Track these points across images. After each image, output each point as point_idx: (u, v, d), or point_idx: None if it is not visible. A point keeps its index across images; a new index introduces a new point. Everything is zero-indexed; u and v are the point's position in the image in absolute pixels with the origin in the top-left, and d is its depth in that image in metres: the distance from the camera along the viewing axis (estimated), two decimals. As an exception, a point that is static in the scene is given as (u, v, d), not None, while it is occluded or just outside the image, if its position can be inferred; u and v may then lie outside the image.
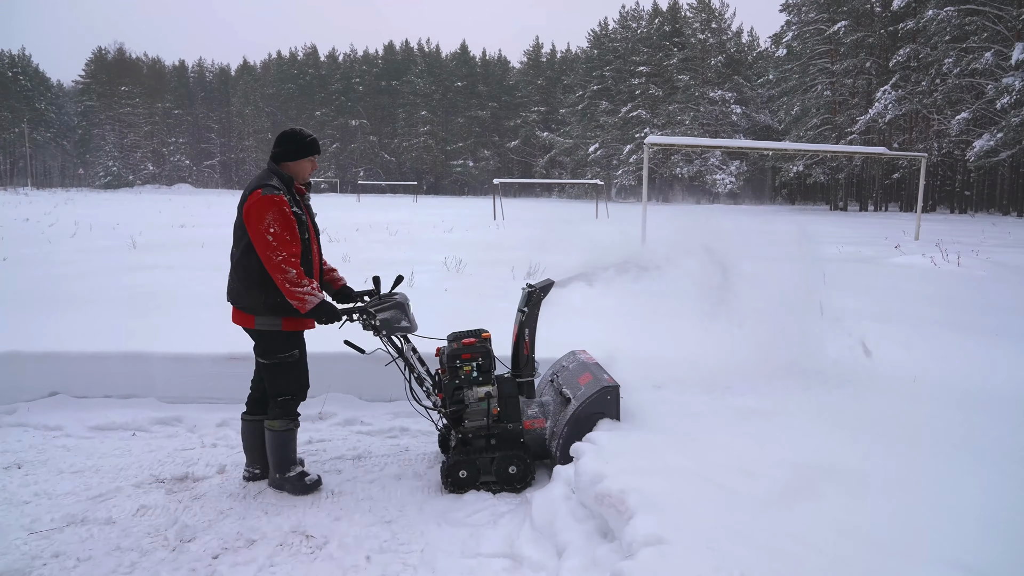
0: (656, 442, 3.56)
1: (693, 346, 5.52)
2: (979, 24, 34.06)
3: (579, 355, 4.38)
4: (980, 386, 5.13)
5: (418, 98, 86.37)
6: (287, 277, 3.50)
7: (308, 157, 3.81)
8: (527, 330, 4.06)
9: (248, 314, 3.67)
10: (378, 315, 3.80)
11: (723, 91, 61.20)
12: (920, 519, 2.73)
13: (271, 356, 3.73)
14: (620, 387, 3.83)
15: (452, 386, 3.90)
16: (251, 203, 3.53)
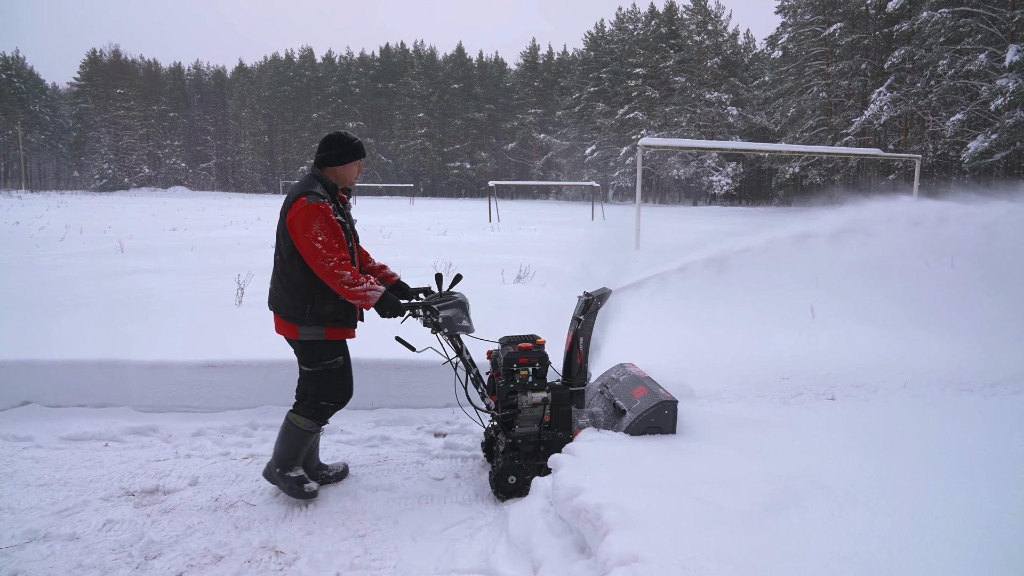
0: (639, 453, 3.46)
1: (679, 352, 5.44)
2: (973, 26, 34.02)
3: (629, 368, 4.30)
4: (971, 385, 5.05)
5: (415, 100, 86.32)
6: (344, 280, 3.45)
7: (354, 161, 3.76)
8: (582, 339, 4.00)
9: (291, 324, 3.63)
10: (441, 312, 3.74)
11: (719, 93, 61.22)
12: (908, 536, 2.63)
13: (315, 364, 3.68)
14: (678, 402, 3.74)
15: (507, 390, 3.85)
16: (296, 211, 3.47)
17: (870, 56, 45.87)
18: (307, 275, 3.52)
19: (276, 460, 3.73)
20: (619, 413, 3.85)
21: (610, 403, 4.01)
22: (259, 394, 5.05)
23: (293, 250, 3.51)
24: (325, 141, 3.74)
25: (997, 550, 2.52)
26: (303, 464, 3.81)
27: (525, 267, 9.65)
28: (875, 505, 2.92)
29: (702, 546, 2.50)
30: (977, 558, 2.46)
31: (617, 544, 2.50)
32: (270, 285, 3.77)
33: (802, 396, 4.90)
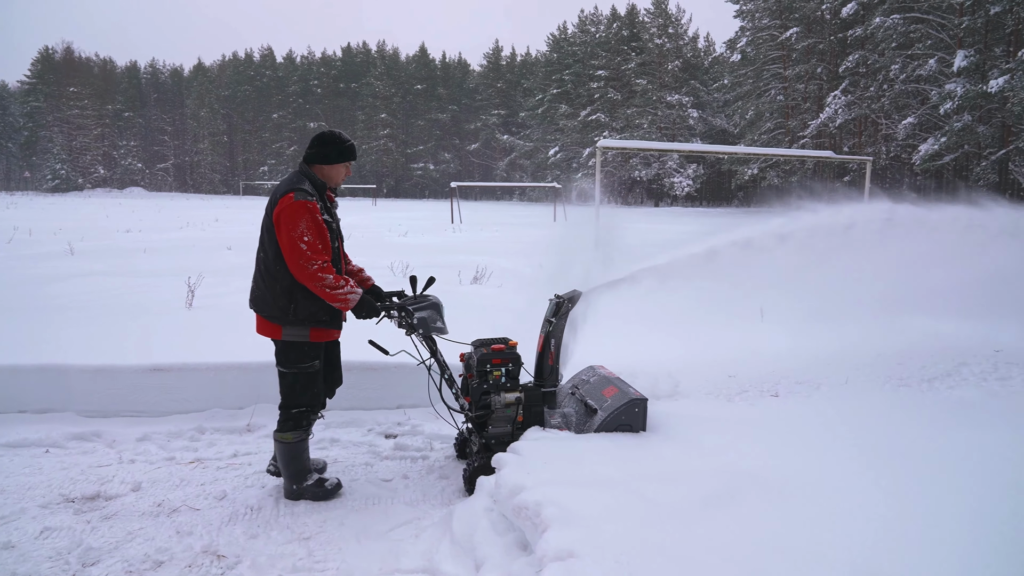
0: (583, 450, 3.50)
1: (631, 353, 5.52)
2: (923, 32, 35.02)
3: (599, 369, 4.37)
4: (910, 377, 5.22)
5: (377, 100, 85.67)
6: (325, 283, 3.46)
7: (344, 162, 3.73)
8: (553, 340, 4.07)
9: (275, 324, 3.61)
10: (416, 314, 3.79)
11: (680, 95, 62.00)
12: (836, 525, 2.72)
13: (292, 366, 3.66)
14: (648, 400, 3.81)
15: (480, 391, 3.92)
16: (282, 207, 3.44)
17: (825, 60, 46.88)
18: (292, 274, 3.50)
19: (290, 480, 3.74)
20: (591, 412, 3.91)
21: (581, 403, 4.07)
22: (207, 398, 4.99)
23: (279, 248, 3.48)
24: (318, 138, 3.70)
25: (922, 535, 2.62)
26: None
27: (483, 268, 9.68)
28: (809, 497, 3.01)
29: (638, 541, 2.55)
30: (903, 544, 2.55)
31: (554, 540, 2.54)
32: (252, 284, 3.72)
33: (747, 393, 5.01)
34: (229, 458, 4.35)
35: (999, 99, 29.61)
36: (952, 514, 2.82)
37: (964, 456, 3.56)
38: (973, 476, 3.26)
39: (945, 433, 3.99)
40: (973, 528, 2.70)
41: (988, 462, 3.48)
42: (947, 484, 3.15)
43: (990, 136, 32.65)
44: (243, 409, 4.97)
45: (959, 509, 2.88)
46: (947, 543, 2.56)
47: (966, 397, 4.91)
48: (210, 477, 4.06)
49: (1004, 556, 2.47)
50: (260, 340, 5.50)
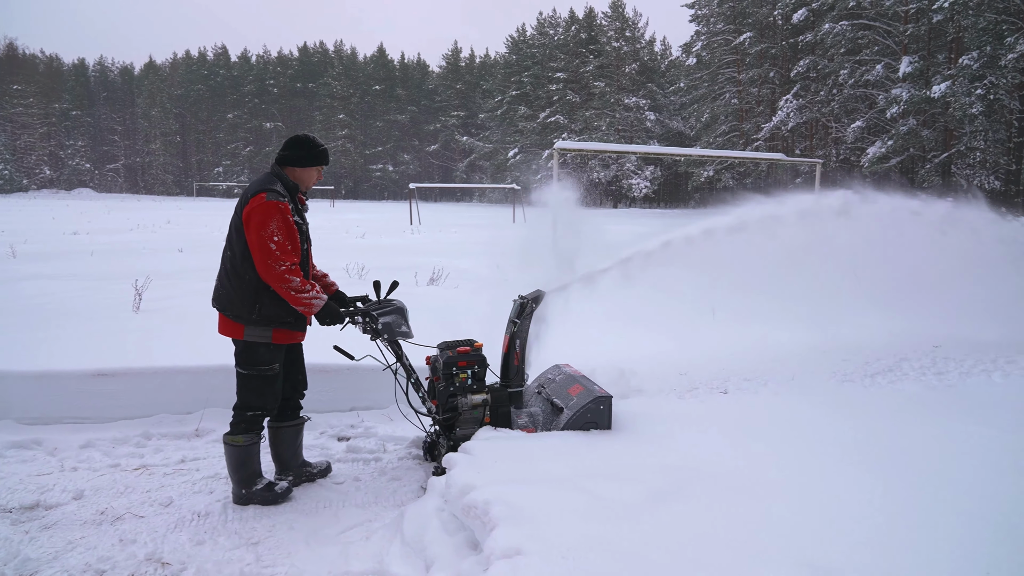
0: (533, 449, 3.53)
1: (588, 352, 5.57)
2: (871, 38, 36.09)
3: (564, 368, 4.40)
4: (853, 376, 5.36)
5: (335, 101, 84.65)
6: (291, 286, 3.44)
7: (316, 166, 3.73)
8: (518, 341, 4.09)
9: (237, 324, 3.55)
10: (380, 319, 3.78)
11: (637, 98, 62.65)
12: (781, 519, 2.79)
13: (252, 367, 3.60)
14: (612, 397, 3.86)
15: (447, 393, 3.92)
16: (253, 207, 3.42)
17: (778, 65, 47.93)
18: (258, 274, 3.47)
19: (237, 484, 3.68)
20: (557, 411, 3.96)
21: (548, 402, 4.13)
22: (154, 403, 4.88)
23: (247, 247, 3.45)
24: (292, 141, 3.70)
25: (863, 527, 2.71)
26: (287, 464, 3.91)
27: (440, 269, 9.65)
28: (754, 492, 3.09)
29: (585, 537, 2.58)
30: (845, 536, 2.63)
31: (502, 539, 2.56)
32: (216, 282, 3.67)
33: (698, 391, 5.10)
34: (176, 464, 4.26)
35: (942, 104, 30.69)
36: (893, 506, 2.92)
37: (905, 449, 3.69)
38: (912, 468, 3.38)
39: (887, 427, 4.12)
40: (912, 518, 2.80)
41: (927, 454, 3.61)
42: (889, 477, 3.26)
43: (934, 140, 33.78)
44: (192, 414, 4.87)
45: (900, 501, 2.98)
46: (887, 534, 2.65)
47: (907, 391, 5.07)
48: (156, 483, 3.97)
49: (942, 544, 2.57)
50: (210, 343, 5.42)
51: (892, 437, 3.91)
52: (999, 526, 2.73)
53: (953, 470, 3.36)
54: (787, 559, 2.42)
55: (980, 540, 2.60)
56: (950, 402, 4.70)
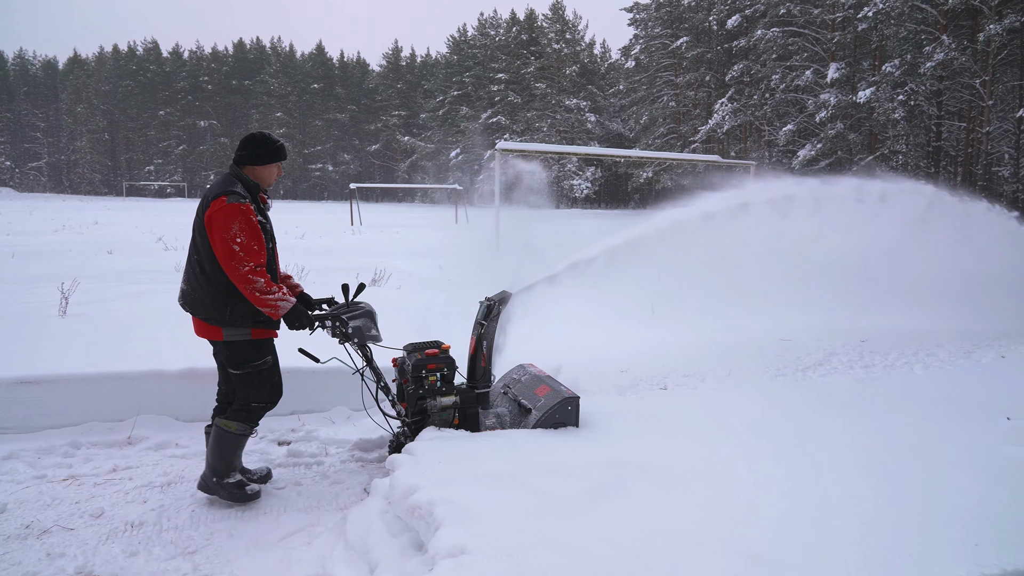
0: (477, 449, 3.54)
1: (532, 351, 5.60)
2: (800, 45, 37.34)
3: (529, 368, 4.43)
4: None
5: (272, 99, 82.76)
6: (256, 287, 3.41)
7: (275, 163, 3.70)
8: (485, 342, 4.11)
9: (214, 326, 3.53)
10: (350, 323, 3.74)
11: (578, 100, 63.31)
12: (714, 510, 2.88)
13: (243, 366, 3.59)
14: (580, 398, 3.94)
15: (416, 395, 3.90)
16: (215, 211, 3.39)
17: (714, 69, 49.13)
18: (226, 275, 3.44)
19: (211, 470, 3.64)
20: (524, 412, 4.00)
21: (515, 402, 4.15)
22: (83, 410, 4.68)
23: (211, 250, 3.42)
24: (248, 139, 3.66)
25: (794, 513, 2.81)
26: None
27: (382, 270, 9.57)
28: (691, 484, 3.17)
29: (529, 533, 2.61)
30: (779, 524, 2.73)
31: (446, 538, 2.56)
32: (184, 286, 3.63)
33: (638, 387, 5.21)
34: (107, 473, 4.11)
35: (867, 109, 31.99)
36: (824, 493, 3.05)
37: (835, 439, 3.85)
38: (843, 457, 3.53)
39: (818, 419, 4.28)
40: (843, 504, 2.92)
41: (856, 443, 3.77)
42: (820, 466, 3.40)
43: (860, 143, 35.16)
44: (123, 421, 4.70)
45: (831, 488, 3.11)
46: (819, 520, 2.76)
47: (835, 384, 5.29)
48: (86, 494, 3.82)
49: (870, 527, 2.69)
50: (142, 347, 5.27)
51: (823, 428, 4.07)
52: (922, 508, 2.87)
53: (881, 458, 3.52)
54: (724, 547, 2.50)
55: (906, 521, 2.73)
56: (877, 394, 4.92)
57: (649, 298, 7.59)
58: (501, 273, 4.63)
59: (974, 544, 2.51)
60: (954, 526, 2.69)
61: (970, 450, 3.65)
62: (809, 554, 2.45)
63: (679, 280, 8.63)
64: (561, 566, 2.39)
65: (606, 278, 5.14)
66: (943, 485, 3.14)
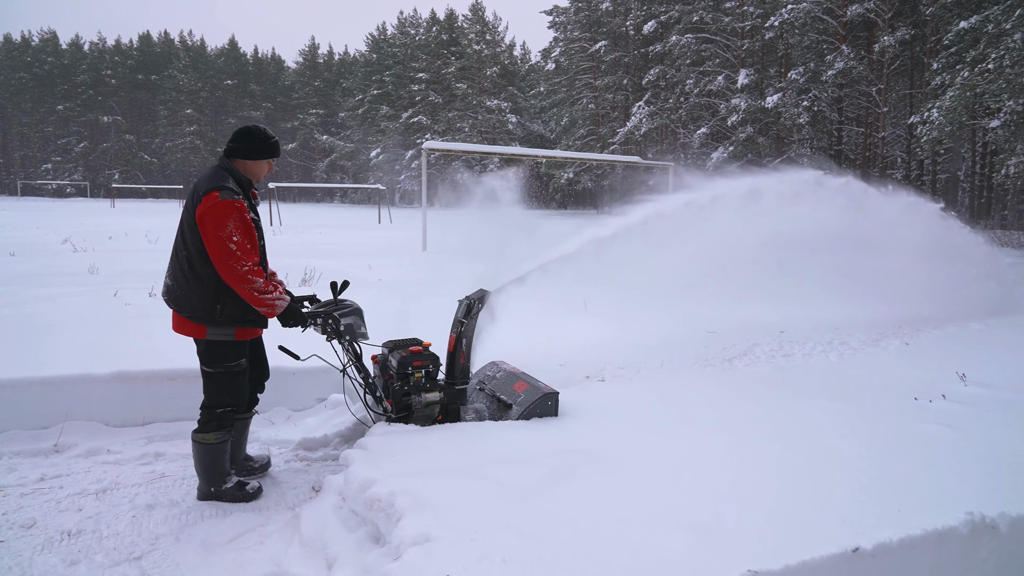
0: (430, 442, 3.59)
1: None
2: (712, 51, 38.82)
3: (502, 365, 4.55)
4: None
5: (182, 95, 79.42)
6: (254, 287, 3.38)
7: (267, 159, 3.62)
8: (464, 340, 4.18)
9: (199, 324, 3.47)
10: (341, 320, 3.80)
11: (499, 100, 63.69)
12: (663, 491, 3.03)
13: (218, 365, 3.55)
14: (559, 393, 4.11)
15: (401, 392, 3.98)
16: (208, 207, 3.29)
17: (631, 73, 50.38)
18: (219, 275, 3.38)
19: (205, 482, 3.63)
20: (504, 407, 4.11)
21: (492, 398, 4.26)
22: (3, 418, 4.42)
23: (203, 247, 3.35)
24: (242, 133, 3.58)
25: (732, 489, 2.99)
26: (232, 458, 3.80)
27: (311, 270, 9.41)
28: (636, 468, 3.32)
29: (489, 520, 2.69)
30: (716, 497, 2.90)
31: (410, 527, 2.61)
32: (169, 281, 3.55)
33: (578, 379, 5.35)
34: (35, 483, 3.92)
35: (774, 114, 33.50)
36: (759, 470, 3.25)
37: (765, 422, 4.08)
38: (772, 438, 3.76)
39: (748, 404, 4.53)
40: (776, 480, 3.13)
41: (782, 425, 4.02)
42: (754, 446, 3.61)
43: (768, 146, 36.84)
44: (48, 428, 4.49)
45: (764, 465, 3.32)
46: (756, 494, 2.95)
47: (759, 372, 5.58)
48: (13, 505, 3.64)
49: (802, 499, 2.89)
50: (67, 351, 5.04)
51: (752, 412, 4.31)
52: (845, 479, 3.11)
53: (806, 437, 3.77)
54: (677, 524, 2.64)
55: (832, 492, 2.95)
56: (798, 380, 5.23)
57: (581, 294, 7.78)
58: (432, 273, 4.69)
59: (897, 510, 2.74)
60: (876, 494, 2.93)
61: (884, 427, 3.95)
62: (754, 525, 2.62)
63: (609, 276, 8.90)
64: (523, 548, 2.48)
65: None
66: (863, 458, 3.41)
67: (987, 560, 2.64)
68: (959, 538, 2.59)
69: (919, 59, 32.23)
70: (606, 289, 7.93)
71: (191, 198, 3.43)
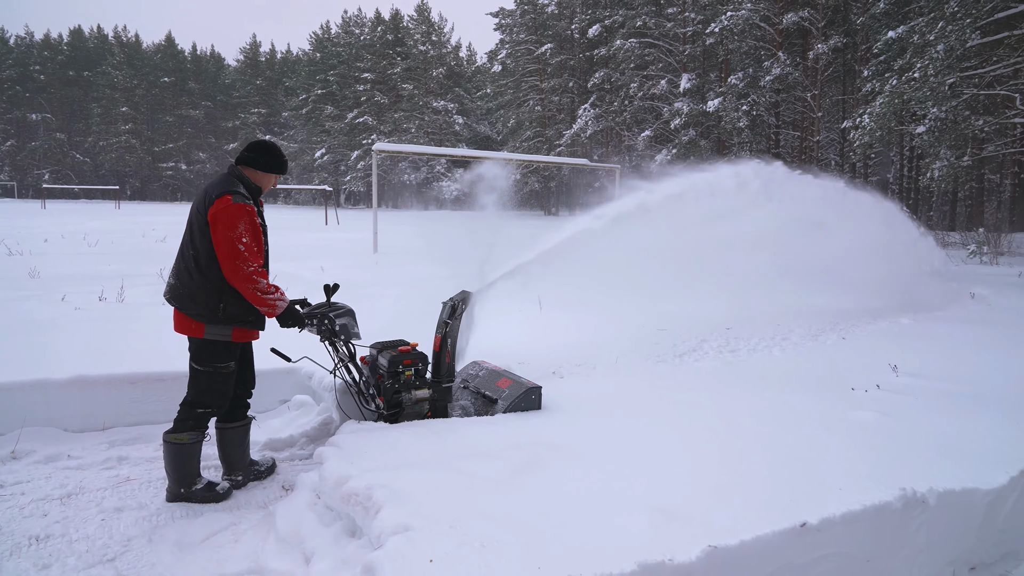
0: (399, 438, 3.70)
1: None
2: (656, 56, 39.70)
3: (483, 364, 4.74)
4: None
5: (116, 92, 76.76)
6: (258, 287, 3.52)
7: (276, 174, 3.83)
8: (449, 340, 4.37)
9: (199, 322, 3.58)
10: (337, 321, 3.93)
11: (445, 101, 63.66)
12: (626, 478, 3.21)
13: (208, 364, 3.65)
14: (542, 387, 4.34)
15: (392, 390, 4.15)
16: (219, 209, 3.44)
17: (576, 76, 51.05)
18: (224, 274, 3.51)
19: (175, 483, 3.68)
20: (490, 402, 4.29)
21: (477, 395, 4.43)
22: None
23: (211, 247, 3.48)
24: (259, 145, 3.78)
25: (693, 475, 3.19)
26: (235, 464, 3.92)
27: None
28: (600, 458, 3.50)
29: (464, 509, 2.82)
30: (679, 482, 3.10)
31: (390, 518, 2.71)
32: (173, 280, 3.65)
33: (538, 377, 5.51)
34: (-7, 491, 3.87)
35: (715, 117, 34.49)
36: (717, 456, 3.47)
37: (718, 412, 4.32)
38: (726, 427, 3.99)
39: (700, 397, 4.77)
40: (735, 464, 3.34)
41: (733, 415, 4.26)
42: (707, 436, 3.83)
43: (710, 149, 37.85)
44: (4, 435, 4.42)
45: (719, 453, 3.53)
46: (713, 481, 3.16)
47: (708, 367, 5.86)
48: (-26, 513, 3.60)
49: (756, 482, 3.11)
50: (27, 355, 4.97)
51: (704, 405, 4.55)
52: (791, 463, 3.35)
53: (754, 426, 4.02)
54: (641, 507, 2.82)
55: (780, 475, 3.18)
56: (744, 374, 5.52)
57: (535, 293, 7.96)
58: (385, 275, 4.80)
59: (838, 488, 2.99)
60: (819, 476, 3.17)
61: (825, 415, 4.24)
62: (710, 506, 2.82)
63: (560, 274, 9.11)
64: (499, 534, 2.61)
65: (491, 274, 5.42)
66: (807, 443, 3.66)
67: (918, 531, 2.91)
68: (894, 512, 2.84)
69: (851, 66, 33.64)
70: (557, 287, 8.15)
71: (202, 200, 3.55)
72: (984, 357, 6.04)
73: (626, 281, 7.98)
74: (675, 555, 2.42)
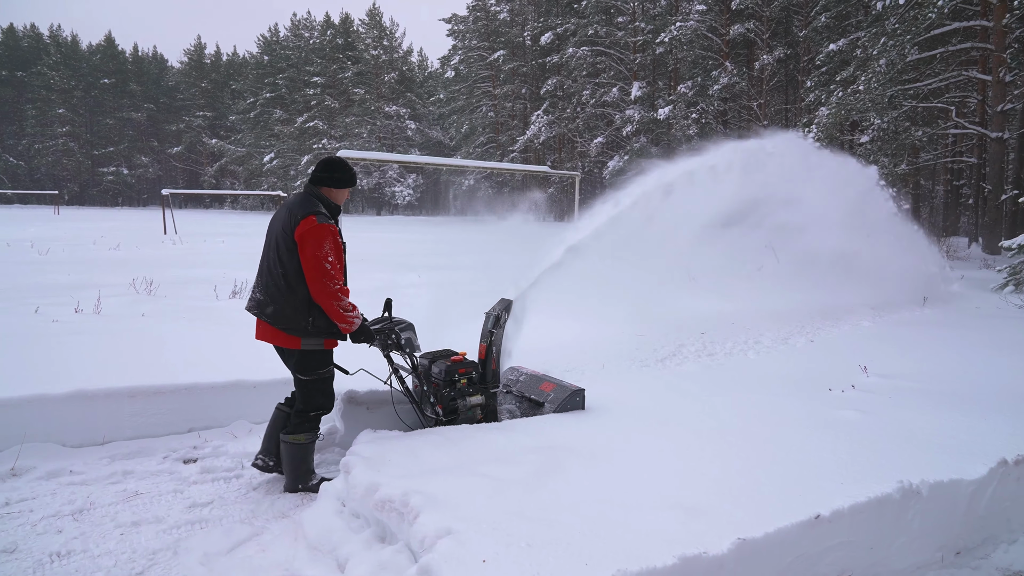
0: (415, 446, 3.80)
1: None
2: (607, 64, 40.41)
3: (522, 369, 5.03)
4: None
5: (53, 93, 73.82)
6: (341, 304, 3.76)
7: (349, 188, 4.01)
8: (494, 348, 4.58)
9: (295, 336, 3.81)
10: (402, 335, 4.19)
11: (397, 107, 63.33)
12: (643, 478, 3.39)
13: (312, 372, 3.91)
14: (585, 390, 4.61)
15: (449, 397, 4.38)
16: (306, 229, 3.64)
17: (529, 82, 51.48)
18: (310, 291, 3.73)
19: (292, 480, 4.00)
20: (536, 405, 4.63)
21: (521, 398, 4.77)
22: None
23: (299, 265, 3.68)
24: (330, 163, 3.96)
25: (704, 474, 3.40)
26: (270, 449, 4.12)
27: (242, 283, 9.25)
28: (614, 459, 3.68)
29: (499, 511, 2.95)
30: (692, 482, 3.30)
31: (431, 523, 2.83)
32: (260, 296, 3.85)
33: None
34: (1, 508, 3.83)
35: (666, 125, 35.31)
36: (720, 456, 3.68)
37: (707, 414, 4.55)
38: (718, 428, 4.22)
39: (684, 399, 5.00)
40: (735, 463, 3.56)
41: (721, 416, 4.50)
42: (705, 436, 4.05)
43: (661, 155, 38.70)
44: (3, 452, 4.35)
45: (723, 452, 3.75)
46: (724, 477, 3.37)
47: (689, 371, 6.12)
48: (-16, 530, 3.56)
49: (761, 478, 3.33)
50: (26, 371, 4.91)
51: (693, 406, 4.78)
52: (789, 460, 3.59)
53: (746, 427, 4.26)
54: (665, 505, 3.00)
55: (784, 471, 3.41)
56: (724, 377, 5.79)
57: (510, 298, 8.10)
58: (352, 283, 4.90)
59: (840, 483, 3.23)
60: (820, 471, 3.42)
61: (812, 415, 4.51)
62: (730, 503, 3.03)
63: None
64: (539, 532, 2.76)
65: (474, 280, 5.54)
66: (802, 443, 3.91)
67: (912, 520, 3.17)
68: (894, 503, 3.10)
69: (793, 76, 34.84)
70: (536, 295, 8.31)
71: (287, 220, 3.71)
72: (943, 357, 6.45)
73: (599, 286, 8.20)
74: (708, 548, 2.61)
